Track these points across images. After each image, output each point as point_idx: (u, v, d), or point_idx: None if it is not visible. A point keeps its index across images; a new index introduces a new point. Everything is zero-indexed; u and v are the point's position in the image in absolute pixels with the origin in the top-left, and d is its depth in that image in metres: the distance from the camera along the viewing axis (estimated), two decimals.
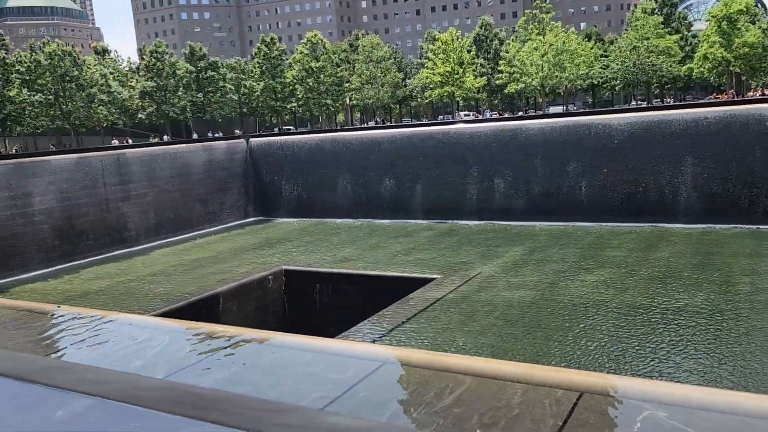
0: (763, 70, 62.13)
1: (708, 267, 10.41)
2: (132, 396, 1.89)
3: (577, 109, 66.26)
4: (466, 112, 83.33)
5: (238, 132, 68.69)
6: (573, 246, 12.72)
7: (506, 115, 59.32)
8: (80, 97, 68.76)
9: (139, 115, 78.61)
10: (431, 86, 74.93)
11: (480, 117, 64.46)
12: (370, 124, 76.97)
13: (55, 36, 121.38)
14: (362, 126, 62.38)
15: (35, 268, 13.84)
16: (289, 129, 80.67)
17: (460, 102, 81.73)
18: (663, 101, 70.90)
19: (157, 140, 56.88)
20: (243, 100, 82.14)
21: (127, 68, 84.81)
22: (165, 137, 70.61)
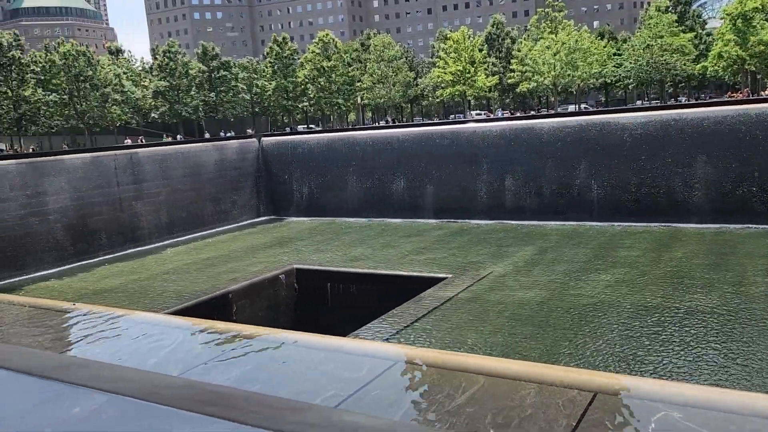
0: None
1: (722, 267, 10.32)
2: (149, 393, 1.91)
3: (588, 108, 65.84)
4: (478, 111, 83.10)
5: (250, 131, 69.02)
6: (585, 246, 12.65)
7: (518, 114, 59.07)
8: (94, 97, 69.34)
9: (152, 115, 79.16)
10: (443, 85, 74.78)
11: (491, 116, 64.22)
12: (380, 124, 76.96)
13: (70, 36, 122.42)
14: (373, 125, 62.40)
15: (50, 267, 13.98)
16: (312, 128, 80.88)
17: (472, 101, 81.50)
18: (677, 100, 70.30)
19: (171, 139, 57.24)
20: (255, 100, 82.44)
21: (141, 68, 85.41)
22: (178, 137, 71.02)
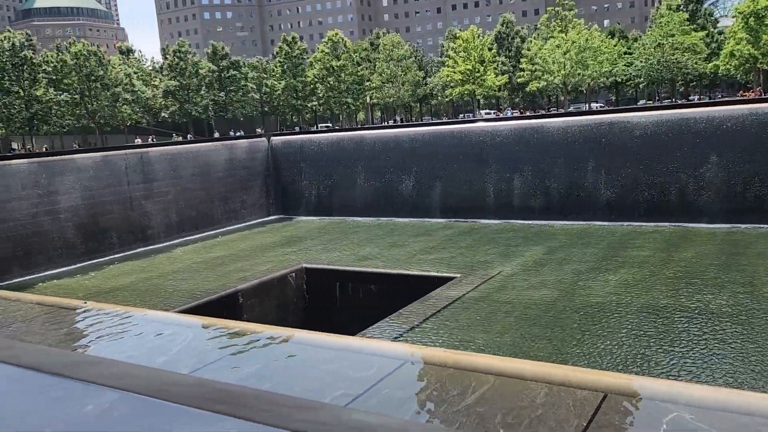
0: None
1: (733, 267, 10.24)
2: (160, 391, 1.92)
3: (603, 107, 65.50)
4: (487, 111, 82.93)
5: (260, 131, 69.20)
6: (594, 246, 12.58)
7: (527, 114, 58.87)
8: (105, 97, 69.82)
9: (163, 114, 79.61)
10: (452, 84, 74.70)
11: (500, 115, 64.06)
12: (388, 123, 76.97)
13: (81, 36, 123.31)
14: (381, 125, 62.37)
15: (61, 265, 14.08)
16: (330, 126, 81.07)
17: (481, 100, 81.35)
18: (688, 99, 69.81)
19: (181, 139, 57.52)
20: (264, 99, 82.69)
21: (151, 68, 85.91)
22: (189, 136, 71.41)
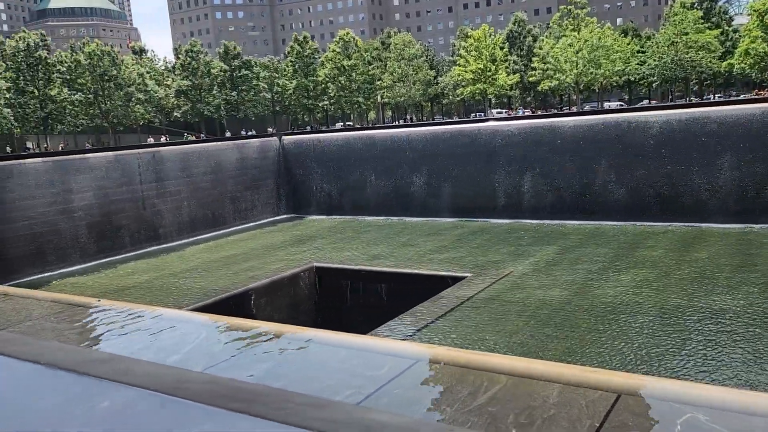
0: None
1: (748, 268, 10.14)
2: (175, 388, 1.94)
3: (623, 106, 65.05)
4: (499, 110, 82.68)
5: (271, 130, 69.45)
6: (607, 246, 12.51)
7: (539, 113, 58.61)
8: (118, 96, 70.40)
9: (175, 114, 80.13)
10: (463, 84, 74.53)
11: (512, 114, 63.80)
12: (398, 123, 76.93)
13: (95, 36, 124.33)
14: (392, 124, 62.34)
15: (74, 263, 14.20)
16: (350, 125, 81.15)
17: (493, 99, 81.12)
18: (702, 98, 69.21)
19: (195, 138, 57.84)
20: (276, 99, 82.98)
21: (164, 67, 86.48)
22: (202, 135, 71.84)
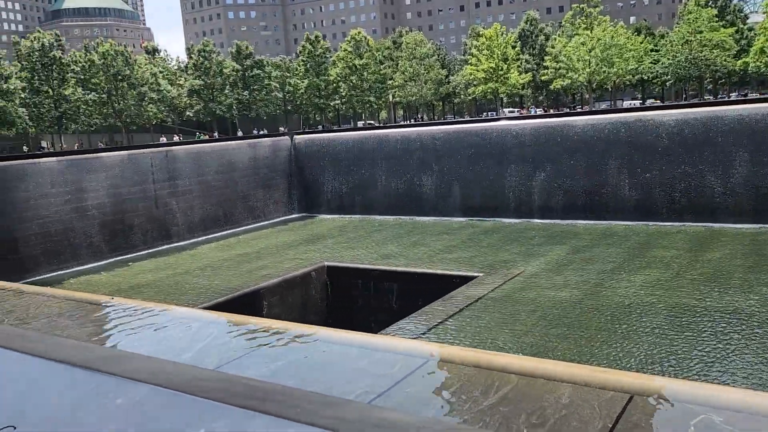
0: None
1: (762, 268, 10.03)
2: (189, 386, 1.96)
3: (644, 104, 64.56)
4: (510, 109, 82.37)
5: (283, 129, 69.69)
6: (619, 246, 12.43)
7: (551, 112, 58.34)
8: (131, 96, 70.93)
9: (187, 113, 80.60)
10: (475, 83, 74.33)
11: (524, 113, 63.52)
12: (409, 122, 76.90)
13: (108, 36, 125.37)
14: (403, 123, 62.32)
15: (88, 261, 14.33)
16: (372, 123, 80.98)
17: (504, 98, 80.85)
18: (717, 97, 68.56)
19: (208, 137, 58.14)
20: (287, 98, 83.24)
21: (176, 67, 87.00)
22: (214, 134, 72.23)
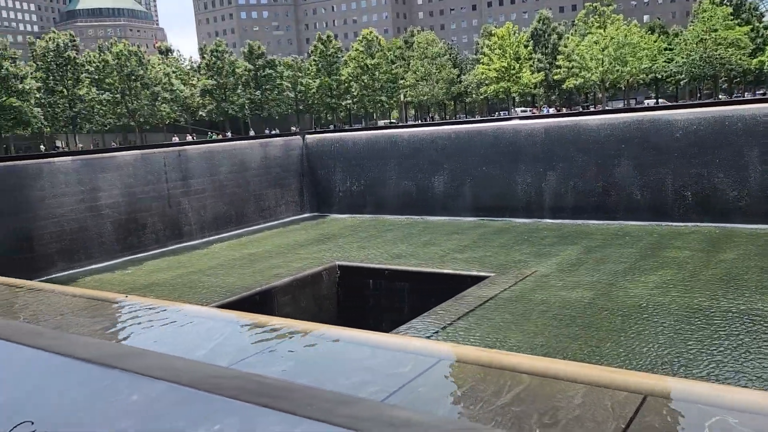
0: None
1: None
2: (203, 383, 1.98)
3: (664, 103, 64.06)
4: (523, 108, 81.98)
5: (295, 129, 69.93)
6: (632, 246, 12.36)
7: (563, 111, 58.05)
8: (145, 96, 71.45)
9: (200, 113, 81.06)
10: (487, 82, 74.10)
11: (536, 113, 63.24)
12: (420, 122, 76.76)
13: (122, 36, 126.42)
14: (414, 123, 62.25)
15: (102, 260, 14.47)
16: (393, 122, 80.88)
17: (516, 98, 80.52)
18: (731, 96, 67.87)
19: (221, 137, 58.43)
20: (299, 98, 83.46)
21: (189, 67, 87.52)
22: (227, 134, 72.61)
